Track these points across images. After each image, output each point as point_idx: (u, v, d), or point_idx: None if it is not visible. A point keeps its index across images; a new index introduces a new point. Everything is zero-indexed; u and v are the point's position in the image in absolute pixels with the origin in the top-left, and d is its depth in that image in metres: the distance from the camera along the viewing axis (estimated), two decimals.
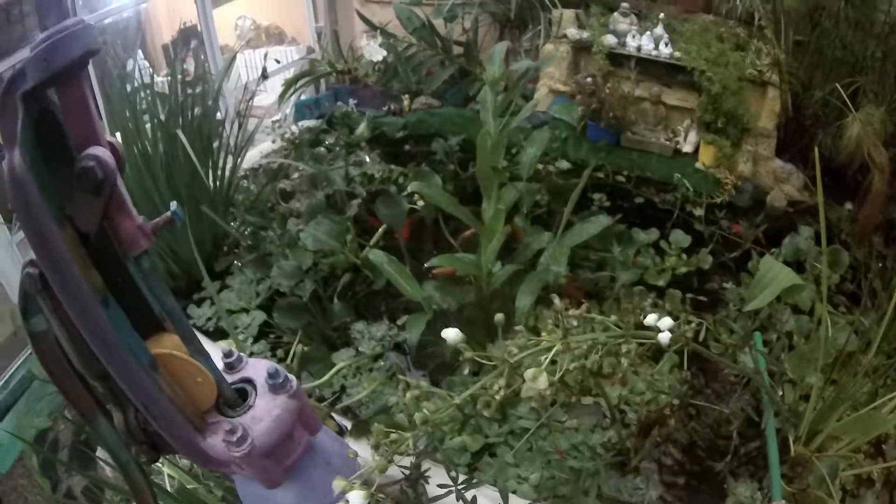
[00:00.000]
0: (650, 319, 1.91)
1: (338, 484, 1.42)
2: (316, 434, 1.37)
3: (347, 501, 1.46)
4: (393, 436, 1.78)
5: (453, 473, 1.90)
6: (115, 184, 1.01)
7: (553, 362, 1.85)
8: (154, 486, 1.45)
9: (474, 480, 1.91)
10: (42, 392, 3.51)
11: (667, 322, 1.89)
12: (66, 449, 3.43)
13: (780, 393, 2.44)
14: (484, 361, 1.94)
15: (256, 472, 1.24)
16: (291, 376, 1.30)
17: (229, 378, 1.30)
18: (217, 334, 3.23)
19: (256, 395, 1.28)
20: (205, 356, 1.22)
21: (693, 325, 1.98)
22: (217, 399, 1.26)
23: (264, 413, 1.24)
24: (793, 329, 2.96)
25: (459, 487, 1.88)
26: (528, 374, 1.80)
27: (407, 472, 1.84)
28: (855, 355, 2.31)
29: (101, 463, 2.96)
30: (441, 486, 1.87)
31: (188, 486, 2.37)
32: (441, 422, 1.90)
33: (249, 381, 1.31)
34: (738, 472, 2.39)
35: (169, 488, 2.40)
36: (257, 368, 1.33)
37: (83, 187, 0.98)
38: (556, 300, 1.90)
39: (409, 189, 3.57)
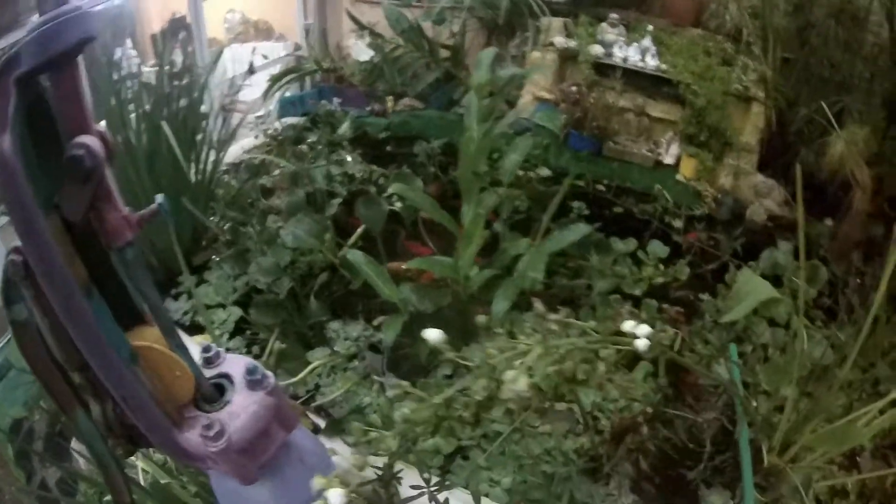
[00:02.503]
0: (627, 326, 1.92)
1: (317, 482, 1.42)
2: (292, 431, 1.37)
3: (326, 499, 1.47)
4: (372, 434, 1.79)
5: (426, 475, 1.90)
6: (102, 173, 1.02)
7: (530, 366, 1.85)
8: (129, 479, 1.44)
9: (447, 483, 1.92)
10: (19, 381, 3.48)
11: (644, 329, 1.90)
12: (41, 440, 3.40)
13: (755, 404, 2.45)
14: (463, 362, 1.94)
15: (231, 468, 1.24)
16: (269, 373, 1.30)
17: (207, 373, 1.30)
18: (193, 329, 3.23)
19: (234, 391, 1.28)
20: (184, 350, 1.22)
21: (670, 332, 1.99)
22: (195, 394, 1.26)
23: (241, 409, 1.24)
24: (768, 342, 2.98)
25: (432, 489, 1.88)
26: (508, 375, 1.80)
27: (380, 472, 1.85)
28: (830, 369, 2.33)
29: (75, 455, 2.96)
30: (413, 487, 1.88)
31: (161, 481, 2.38)
32: (419, 421, 1.91)
33: (227, 376, 1.31)
34: (711, 480, 2.41)
35: (142, 482, 2.41)
36: (235, 364, 1.32)
37: (71, 175, 0.98)
38: (538, 304, 1.91)
39: (391, 191, 3.58)
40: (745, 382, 2.51)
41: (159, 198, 1.13)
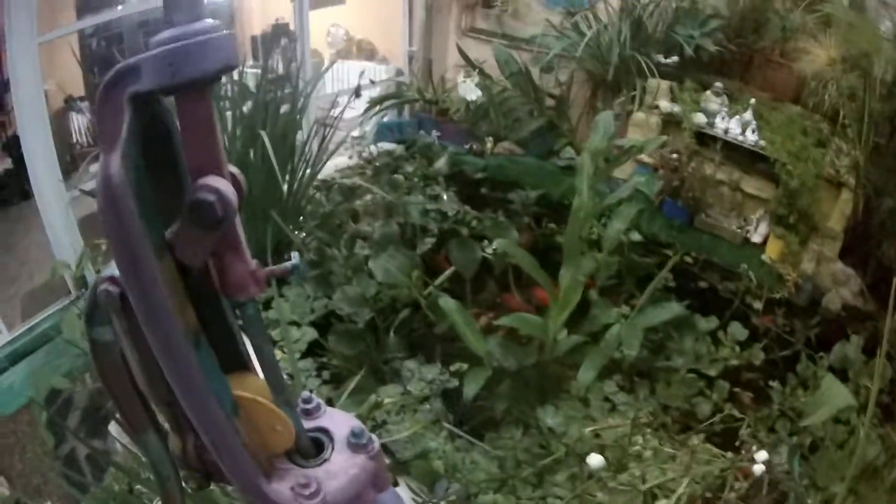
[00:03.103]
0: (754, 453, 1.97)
1: None
2: (383, 492, 1.38)
3: None
4: None
5: None
6: (233, 222, 0.86)
7: None
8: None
9: None
10: (65, 350, 3.46)
11: (763, 456, 1.95)
12: (79, 411, 3.45)
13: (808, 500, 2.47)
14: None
15: None
16: (374, 437, 1.29)
17: (305, 424, 1.30)
18: None
19: (333, 448, 1.27)
20: (290, 408, 1.21)
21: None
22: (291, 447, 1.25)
23: (341, 471, 1.22)
24: (827, 435, 2.98)
25: None
26: None
27: None
28: (879, 469, 2.35)
29: (112, 436, 2.99)
30: None
31: None
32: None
33: (326, 431, 1.30)
34: None
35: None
36: (338, 422, 1.30)
37: (195, 221, 0.82)
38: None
39: (495, 247, 3.65)
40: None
41: (295, 257, 1.11)
